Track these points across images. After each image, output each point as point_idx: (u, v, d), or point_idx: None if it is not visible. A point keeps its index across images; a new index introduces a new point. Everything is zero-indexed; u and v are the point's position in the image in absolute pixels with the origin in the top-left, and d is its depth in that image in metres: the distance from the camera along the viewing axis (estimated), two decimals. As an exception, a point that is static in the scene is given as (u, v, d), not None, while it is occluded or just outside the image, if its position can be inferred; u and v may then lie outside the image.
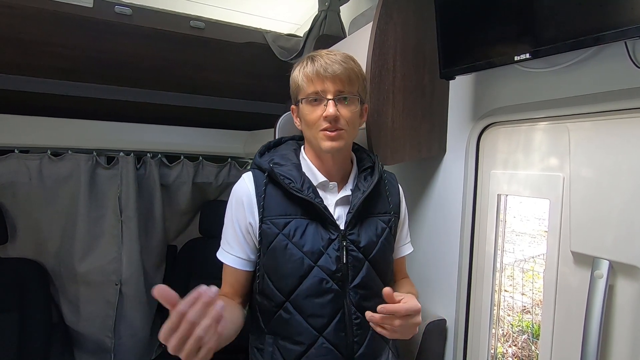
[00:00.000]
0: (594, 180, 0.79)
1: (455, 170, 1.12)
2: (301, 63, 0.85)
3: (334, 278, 0.81)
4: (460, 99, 1.11)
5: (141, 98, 1.65)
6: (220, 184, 2.17)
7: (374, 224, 0.87)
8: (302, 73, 0.82)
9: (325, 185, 0.86)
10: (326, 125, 0.80)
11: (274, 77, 1.64)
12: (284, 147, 0.94)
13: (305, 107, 0.82)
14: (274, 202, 0.82)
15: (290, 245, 0.80)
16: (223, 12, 1.99)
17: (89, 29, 1.25)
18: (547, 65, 0.87)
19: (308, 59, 0.83)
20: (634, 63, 0.71)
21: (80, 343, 1.83)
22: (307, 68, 0.82)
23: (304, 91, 0.83)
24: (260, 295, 0.86)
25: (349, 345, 0.82)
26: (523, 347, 1.39)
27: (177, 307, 0.56)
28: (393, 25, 1.00)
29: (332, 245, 0.81)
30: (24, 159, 1.69)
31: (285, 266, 0.80)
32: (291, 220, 0.81)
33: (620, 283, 0.75)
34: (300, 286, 0.80)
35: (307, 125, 0.84)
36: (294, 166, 0.85)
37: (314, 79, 0.80)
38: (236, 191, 0.87)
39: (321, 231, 0.81)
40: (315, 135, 0.82)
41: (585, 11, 0.68)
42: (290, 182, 0.82)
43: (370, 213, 0.87)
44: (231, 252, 0.86)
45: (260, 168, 0.87)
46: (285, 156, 0.88)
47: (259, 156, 0.90)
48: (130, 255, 1.84)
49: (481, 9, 0.86)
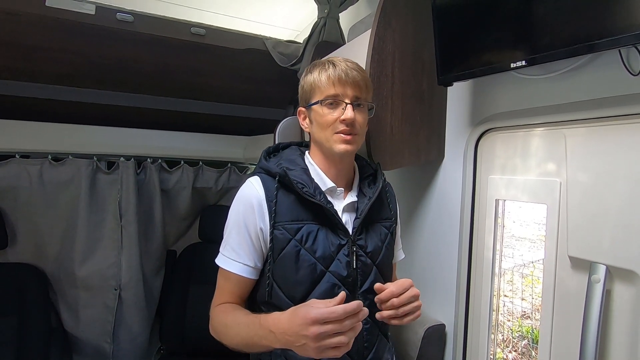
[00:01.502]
0: (590, 185, 0.79)
1: (453, 176, 1.12)
2: (320, 66, 0.85)
3: (345, 283, 0.81)
4: (458, 105, 1.12)
5: (142, 103, 1.66)
6: (220, 189, 2.17)
7: (379, 230, 0.89)
8: (324, 75, 0.83)
9: (333, 190, 0.86)
10: (342, 128, 0.81)
11: (274, 82, 1.65)
12: (289, 151, 0.92)
13: (322, 109, 0.83)
14: (285, 207, 0.81)
15: (303, 251, 0.79)
16: (223, 19, 2.00)
17: (90, 36, 1.26)
18: (543, 72, 0.88)
19: (328, 63, 0.84)
20: (628, 70, 0.72)
21: (79, 348, 1.82)
22: (329, 71, 0.83)
23: (321, 93, 0.83)
24: (266, 305, 0.83)
25: (360, 350, 0.83)
26: (523, 352, 1.39)
27: (336, 309, 0.63)
28: (391, 32, 1.01)
29: (342, 251, 0.81)
30: (25, 164, 1.70)
31: (297, 273, 0.79)
32: (303, 225, 0.80)
33: (617, 287, 0.75)
34: (312, 292, 0.80)
35: (320, 127, 0.84)
36: (303, 171, 0.85)
37: (335, 82, 0.82)
38: (244, 195, 0.83)
39: (331, 237, 0.82)
40: (329, 138, 0.83)
41: (579, 19, 0.69)
42: (304, 186, 0.81)
43: (374, 219, 0.89)
44: (237, 259, 0.82)
45: (269, 172, 0.84)
46: (293, 161, 0.87)
47: (265, 160, 0.89)
48: (130, 260, 1.84)
49: (478, 16, 0.87)
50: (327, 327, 0.62)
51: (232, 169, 2.20)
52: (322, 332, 0.62)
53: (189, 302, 1.92)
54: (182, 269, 2.00)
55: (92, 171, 1.78)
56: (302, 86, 0.89)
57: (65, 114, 1.69)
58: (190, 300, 1.92)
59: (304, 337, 0.63)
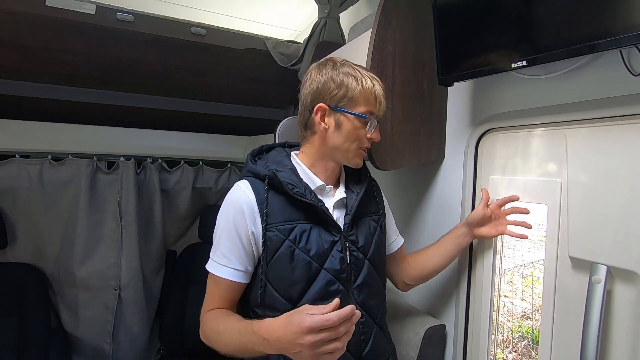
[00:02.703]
0: (591, 185, 0.79)
1: (454, 176, 1.12)
2: (365, 77, 0.83)
3: (340, 279, 0.82)
4: (458, 105, 1.12)
5: (142, 103, 1.66)
6: (220, 189, 2.17)
7: (367, 224, 0.90)
8: (366, 87, 0.83)
9: (322, 189, 0.87)
10: (367, 145, 0.86)
11: (274, 82, 1.65)
12: (275, 153, 0.92)
13: (354, 122, 0.84)
14: (276, 208, 0.81)
15: (297, 250, 0.80)
16: (224, 19, 2.00)
17: (90, 35, 1.26)
18: (543, 72, 0.88)
19: (367, 74, 0.84)
20: (629, 70, 0.72)
21: (78, 348, 1.82)
22: (377, 87, 0.84)
23: (359, 105, 0.83)
24: (260, 307, 0.83)
25: (357, 343, 0.84)
26: (523, 353, 1.39)
27: (330, 316, 0.62)
28: (392, 32, 1.01)
29: (335, 247, 0.83)
30: (25, 164, 1.70)
31: (293, 272, 0.80)
32: (295, 225, 0.81)
33: (618, 288, 0.75)
34: (308, 291, 0.80)
35: (346, 138, 0.84)
36: (292, 171, 0.85)
37: (377, 99, 0.84)
38: (233, 200, 0.83)
39: (324, 234, 0.83)
40: (351, 149, 0.86)
41: (580, 19, 0.69)
42: (294, 187, 0.81)
43: (363, 214, 0.90)
44: (228, 264, 0.82)
45: (258, 175, 0.84)
46: (280, 162, 0.87)
47: (252, 163, 0.88)
48: (130, 260, 1.83)
49: (479, 16, 0.87)
50: (322, 335, 0.62)
51: (232, 169, 2.20)
52: (317, 340, 0.62)
53: (189, 302, 1.92)
54: (182, 269, 2.00)
55: (92, 171, 1.77)
56: (331, 84, 0.83)
57: (65, 114, 1.69)
58: (190, 301, 1.92)
59: (299, 345, 0.63)
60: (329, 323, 0.62)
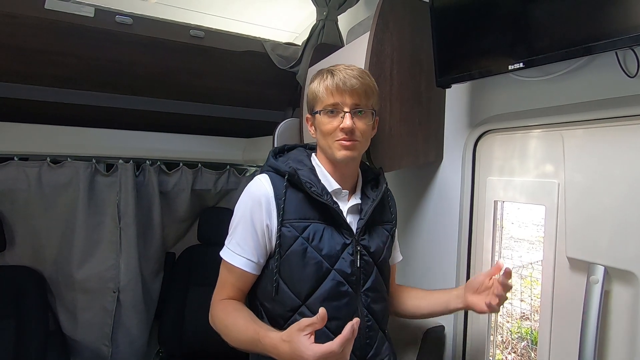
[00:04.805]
0: (588, 186, 0.80)
1: (452, 177, 1.13)
2: (320, 76, 0.87)
3: (349, 281, 0.83)
4: (456, 107, 1.12)
5: (141, 106, 1.66)
6: (219, 191, 2.17)
7: (380, 232, 0.91)
8: (322, 85, 0.85)
9: (338, 192, 0.88)
10: (342, 136, 0.83)
11: (273, 85, 1.65)
12: (296, 152, 0.95)
13: (323, 118, 0.85)
14: (293, 205, 0.83)
15: (310, 248, 0.81)
16: (222, 22, 2.01)
17: (89, 38, 1.26)
18: (540, 74, 0.88)
19: (327, 72, 0.86)
20: (624, 72, 0.72)
21: (77, 351, 1.81)
22: (327, 81, 0.84)
23: (322, 102, 0.85)
24: (270, 301, 0.85)
25: (363, 347, 0.84)
26: (522, 353, 1.39)
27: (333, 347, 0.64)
28: (390, 34, 1.01)
29: (347, 250, 0.84)
30: (23, 167, 1.69)
31: (304, 270, 0.81)
32: (310, 224, 0.83)
33: (615, 288, 0.75)
34: (318, 289, 0.82)
35: (322, 135, 0.86)
36: (311, 171, 0.88)
37: (333, 92, 0.84)
38: (253, 191, 0.85)
39: (336, 236, 0.84)
40: (331, 145, 0.85)
41: (576, 22, 0.69)
42: (312, 186, 0.83)
43: (376, 221, 0.91)
44: (242, 254, 0.83)
45: (278, 171, 0.87)
46: (301, 161, 0.90)
47: (274, 159, 0.91)
48: (129, 262, 1.83)
49: (476, 19, 0.88)
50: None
51: (231, 171, 2.19)
52: None
53: (188, 304, 1.91)
54: (181, 271, 1.99)
55: (90, 173, 1.77)
56: (307, 94, 0.91)
57: (64, 117, 1.69)
58: (189, 303, 1.92)
59: None
60: (334, 354, 0.64)
